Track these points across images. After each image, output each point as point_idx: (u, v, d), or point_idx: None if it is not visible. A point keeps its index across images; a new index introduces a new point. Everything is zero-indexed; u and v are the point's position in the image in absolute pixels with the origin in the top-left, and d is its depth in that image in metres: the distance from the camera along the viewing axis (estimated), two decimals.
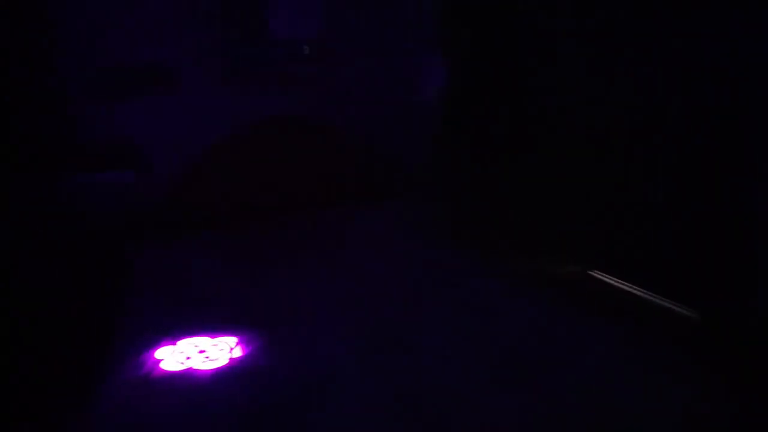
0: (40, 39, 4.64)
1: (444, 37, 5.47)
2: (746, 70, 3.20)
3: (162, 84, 5.24)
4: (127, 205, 5.27)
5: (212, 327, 3.82)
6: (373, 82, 5.68)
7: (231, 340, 3.67)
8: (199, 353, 3.54)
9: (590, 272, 4.57)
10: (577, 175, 4.67)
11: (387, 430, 2.67)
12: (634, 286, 4.15)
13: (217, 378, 3.24)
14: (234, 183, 5.53)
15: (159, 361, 3.45)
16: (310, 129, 5.63)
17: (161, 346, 3.61)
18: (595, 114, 4.45)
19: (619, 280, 4.30)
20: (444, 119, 5.56)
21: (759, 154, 3.15)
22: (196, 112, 5.35)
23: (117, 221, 5.23)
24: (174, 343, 3.65)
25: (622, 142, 4.22)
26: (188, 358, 3.48)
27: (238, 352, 3.52)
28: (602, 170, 4.43)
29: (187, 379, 3.25)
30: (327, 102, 5.58)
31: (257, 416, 2.83)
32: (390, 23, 5.63)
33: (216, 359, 3.45)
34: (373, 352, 3.37)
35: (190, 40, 5.20)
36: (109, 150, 5.23)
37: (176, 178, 5.41)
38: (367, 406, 2.85)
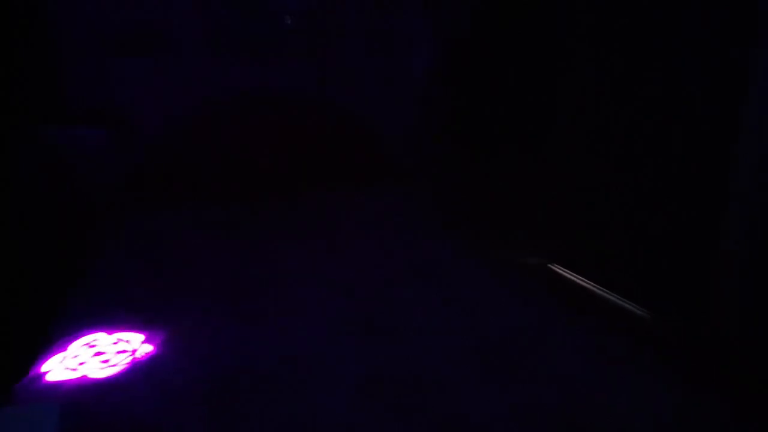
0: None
1: (435, 19, 5.52)
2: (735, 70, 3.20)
3: (151, 47, 5.14)
4: (102, 164, 5.17)
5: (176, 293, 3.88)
6: (363, 60, 5.69)
7: (197, 309, 3.72)
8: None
9: (550, 265, 4.86)
10: (551, 171, 4.85)
11: (360, 411, 2.70)
12: (591, 282, 4.39)
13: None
14: (213, 155, 5.47)
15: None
16: (297, 103, 5.58)
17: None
18: (577, 114, 4.58)
19: (576, 275, 4.55)
20: (427, 101, 5.63)
21: (727, 156, 3.17)
22: (183, 77, 5.26)
23: (93, 180, 5.13)
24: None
25: (597, 143, 4.37)
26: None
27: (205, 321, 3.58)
28: (576, 168, 4.61)
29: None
30: (316, 76, 5.56)
31: (225, 388, 2.85)
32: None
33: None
34: (351, 335, 3.38)
35: (183, 6, 5.10)
36: (91, 108, 5.12)
37: (156, 140, 5.35)
38: (342, 387, 2.87)
